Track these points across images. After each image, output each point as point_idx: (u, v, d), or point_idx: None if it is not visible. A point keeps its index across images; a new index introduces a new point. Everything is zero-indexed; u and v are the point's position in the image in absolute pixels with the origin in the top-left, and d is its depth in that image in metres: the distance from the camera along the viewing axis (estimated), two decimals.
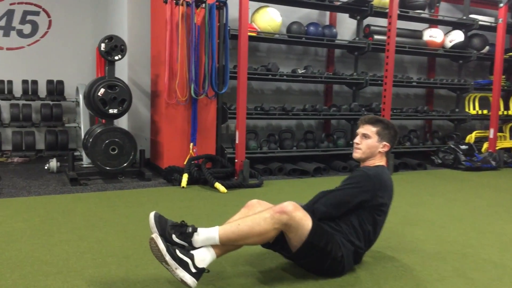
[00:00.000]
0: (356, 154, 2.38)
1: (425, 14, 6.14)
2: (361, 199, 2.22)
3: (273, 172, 5.06)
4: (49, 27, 5.81)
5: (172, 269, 1.94)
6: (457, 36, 6.18)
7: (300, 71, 5.29)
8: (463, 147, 6.07)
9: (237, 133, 4.54)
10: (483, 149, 6.33)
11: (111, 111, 4.36)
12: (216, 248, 2.05)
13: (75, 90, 5.62)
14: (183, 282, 1.95)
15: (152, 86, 5.02)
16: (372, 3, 5.42)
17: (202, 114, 4.72)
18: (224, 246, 2.06)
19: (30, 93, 5.40)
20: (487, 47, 6.54)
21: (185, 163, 4.62)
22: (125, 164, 4.42)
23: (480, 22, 6.34)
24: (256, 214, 2.10)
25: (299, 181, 4.84)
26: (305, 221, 2.09)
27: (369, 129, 2.35)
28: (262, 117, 5.18)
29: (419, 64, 6.91)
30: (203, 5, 4.47)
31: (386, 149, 2.35)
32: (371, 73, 5.99)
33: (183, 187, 4.25)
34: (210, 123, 4.81)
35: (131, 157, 4.45)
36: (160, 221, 2.10)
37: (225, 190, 4.14)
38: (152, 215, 2.12)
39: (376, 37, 5.67)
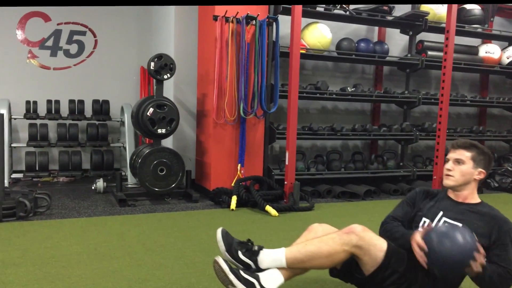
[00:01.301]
0: (449, 182, 2.15)
1: (479, 28, 5.87)
2: None
3: (321, 194, 4.85)
4: (95, 47, 5.85)
5: None
6: None
7: (350, 89, 5.10)
8: None
9: (287, 154, 4.37)
10: None
11: (159, 131, 4.28)
12: (283, 271, 1.94)
13: (119, 110, 5.60)
14: None
15: (199, 106, 4.93)
16: (426, 17, 5.20)
17: (250, 134, 4.58)
18: (291, 270, 1.96)
19: (76, 112, 5.40)
20: None
21: (232, 184, 4.47)
22: (173, 185, 4.31)
23: None
24: (324, 236, 1.98)
25: (350, 204, 4.62)
26: (377, 241, 1.94)
27: (463, 154, 2.11)
28: (311, 137, 5.00)
29: (471, 81, 6.60)
30: (253, 21, 4.38)
31: (481, 176, 2.12)
32: (422, 91, 5.75)
33: (232, 209, 4.10)
34: (257, 144, 4.66)
35: (179, 178, 4.33)
36: (227, 237, 2.05)
37: (277, 214, 3.96)
38: (219, 231, 2.07)
39: (429, 53, 5.43)
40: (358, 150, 5.71)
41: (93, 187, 4.77)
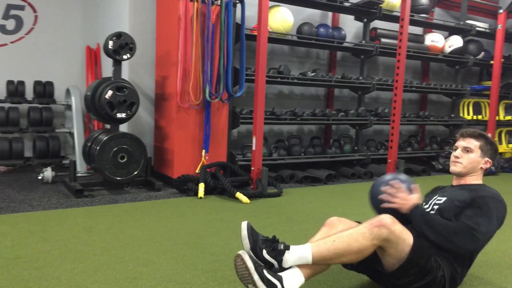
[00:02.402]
0: (456, 168, 2.20)
1: (428, 18, 6.12)
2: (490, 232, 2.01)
3: (284, 179, 4.83)
4: (35, 23, 5.29)
5: None
6: (456, 42, 6.21)
7: (310, 74, 5.09)
8: None
9: (254, 139, 4.28)
10: None
11: (119, 115, 3.98)
12: (304, 269, 1.86)
13: (63, 93, 5.16)
14: None
15: (158, 89, 4.66)
16: (380, 5, 5.31)
17: (214, 119, 4.42)
18: (314, 267, 1.88)
19: (16, 95, 4.87)
20: (482, 53, 6.63)
21: (197, 171, 4.31)
22: (135, 173, 4.06)
23: (477, 28, 6.41)
24: (352, 230, 1.90)
25: (315, 189, 4.64)
26: (406, 235, 1.91)
27: (472, 143, 2.19)
28: (274, 122, 4.94)
29: (413, 68, 6.90)
30: (219, 1, 4.19)
31: (487, 165, 2.19)
32: (372, 76, 5.91)
33: (200, 197, 3.94)
34: (221, 129, 4.52)
35: (141, 165, 4.08)
36: (253, 233, 1.91)
37: (248, 201, 3.87)
38: (244, 225, 1.93)
39: (382, 40, 5.57)
40: (314, 135, 5.76)
41: (39, 177, 4.35)
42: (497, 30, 6.02)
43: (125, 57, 4.01)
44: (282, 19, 4.76)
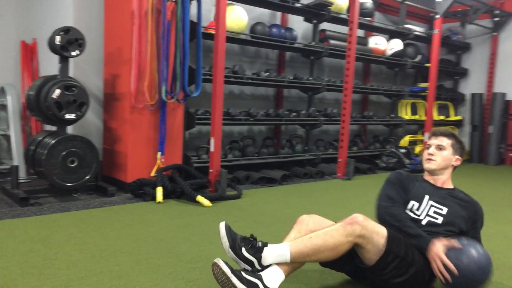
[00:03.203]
0: (431, 166, 2.27)
1: (373, 22, 6.35)
2: None
3: (240, 181, 4.77)
4: None
5: None
6: (396, 45, 6.51)
7: (264, 74, 5.07)
8: (402, 150, 6.41)
9: (212, 140, 4.17)
10: (416, 152, 6.76)
11: (67, 116, 3.70)
12: (283, 267, 1.90)
13: None
14: None
15: (107, 88, 4.38)
16: (330, 7, 5.41)
17: (169, 120, 4.25)
18: (291, 265, 1.92)
19: None
20: (419, 56, 7.01)
21: (152, 174, 4.12)
22: (86, 178, 3.78)
23: (415, 32, 6.76)
24: (328, 227, 1.95)
25: (271, 189, 4.63)
26: (379, 228, 1.96)
27: (444, 141, 2.28)
28: (230, 123, 4.86)
29: (355, 70, 7.13)
30: None
31: (458, 163, 2.30)
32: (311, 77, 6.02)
33: (159, 202, 3.77)
34: (177, 130, 4.35)
35: (93, 170, 3.82)
36: (231, 232, 1.96)
37: (210, 204, 3.77)
38: (223, 226, 1.96)
39: (331, 42, 5.69)
40: (266, 136, 5.76)
41: None
42: (434, 35, 6.40)
43: (74, 53, 3.73)
44: (237, 18, 4.69)
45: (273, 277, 1.87)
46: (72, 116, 3.72)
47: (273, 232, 3.08)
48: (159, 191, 3.81)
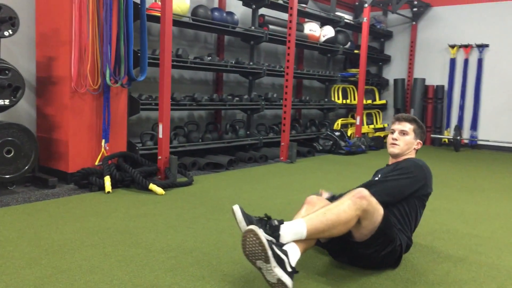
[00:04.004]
0: (394, 150, 2.41)
1: (307, 8, 6.47)
2: (415, 188, 2.25)
3: (187, 167, 4.67)
4: None
5: (271, 267, 1.73)
6: (329, 32, 6.72)
7: (207, 59, 4.98)
8: (337, 133, 6.69)
9: (160, 126, 4.03)
10: (349, 135, 7.09)
11: (1, 102, 3.35)
12: (300, 244, 1.90)
13: None
14: (279, 283, 1.74)
15: (41, 71, 4.02)
16: None
17: (113, 105, 4.03)
18: (306, 242, 1.92)
19: None
20: (349, 43, 7.30)
21: (97, 163, 3.89)
22: (25, 169, 3.48)
23: (345, 20, 7.02)
24: (338, 202, 1.99)
25: (220, 175, 4.60)
26: (379, 206, 2.04)
27: (407, 126, 2.42)
28: (175, 108, 4.71)
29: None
30: None
31: (419, 146, 2.45)
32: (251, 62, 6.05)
33: (108, 192, 3.57)
34: (121, 116, 4.14)
35: (31, 160, 3.51)
36: (246, 215, 1.92)
37: (163, 192, 3.65)
38: (237, 209, 1.95)
39: (270, 27, 5.72)
40: (205, 121, 5.68)
41: None
42: (363, 23, 6.70)
43: (6, 33, 3.38)
44: (179, 0, 4.53)
45: (293, 254, 1.86)
46: (6, 102, 3.39)
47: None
48: (107, 180, 3.62)
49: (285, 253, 1.80)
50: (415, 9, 7.98)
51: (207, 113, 6.00)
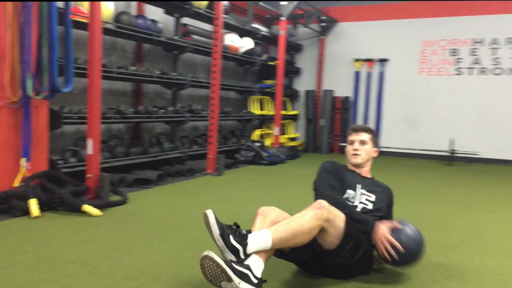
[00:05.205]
0: (358, 160, 2.49)
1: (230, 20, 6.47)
2: None
3: (114, 184, 4.36)
4: None
5: (235, 284, 1.76)
6: (248, 43, 6.81)
7: (132, 68, 4.72)
8: (257, 144, 6.77)
9: (90, 142, 3.72)
10: (267, 145, 7.22)
11: None
12: (262, 255, 1.93)
13: None
14: None
15: None
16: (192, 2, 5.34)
17: (32, 120, 3.61)
18: (268, 252, 1.95)
19: None
20: (265, 55, 7.46)
21: (16, 185, 3.46)
22: None
23: (261, 32, 7.17)
24: (301, 213, 2.03)
25: (150, 191, 4.37)
26: (339, 213, 2.11)
27: (365, 136, 2.53)
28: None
29: (206, 66, 7.19)
30: None
31: (376, 154, 2.57)
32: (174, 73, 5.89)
33: (36, 216, 3.19)
34: (41, 131, 3.72)
35: None
36: (218, 220, 1.95)
37: (100, 213, 3.36)
38: (211, 213, 1.95)
39: (193, 37, 5.63)
40: (123, 134, 5.36)
41: None
42: (280, 35, 6.90)
43: None
44: (103, 5, 4.24)
45: (257, 266, 1.88)
46: None
47: (187, 236, 2.93)
48: (34, 203, 3.22)
49: (247, 267, 1.83)
50: (323, 24, 8.45)
51: (126, 126, 5.68)
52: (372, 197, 2.44)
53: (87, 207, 3.34)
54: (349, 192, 2.42)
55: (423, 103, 7.99)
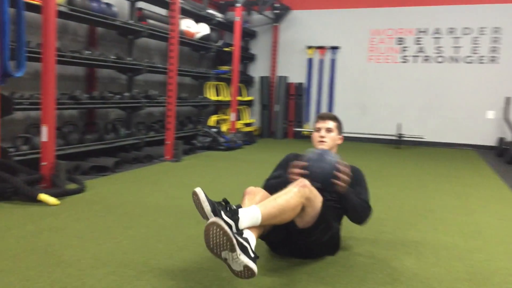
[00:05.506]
0: (324, 146, 2.56)
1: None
2: None
3: (70, 172, 4.24)
4: None
5: (237, 255, 1.75)
6: (204, 29, 6.75)
7: (86, 53, 4.57)
8: (214, 130, 6.78)
9: (45, 128, 3.58)
10: (223, 130, 7.24)
11: None
12: (254, 231, 1.95)
13: None
14: (245, 269, 1.77)
15: None
16: None
17: None
18: (258, 229, 1.98)
19: None
20: (221, 41, 7.43)
21: None
22: None
23: (217, 18, 7.13)
24: (286, 190, 2.08)
25: (110, 178, 4.29)
26: (319, 194, 2.18)
27: (331, 124, 2.60)
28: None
29: (161, 50, 7.06)
30: None
31: (341, 141, 2.66)
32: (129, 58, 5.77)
33: None
34: None
35: None
36: (207, 196, 1.90)
37: (57, 202, 3.27)
38: (200, 190, 1.91)
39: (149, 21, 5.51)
40: (76, 121, 5.20)
41: None
42: (236, 21, 6.89)
43: None
44: None
45: (252, 241, 1.89)
46: None
47: (153, 222, 2.93)
48: None
49: (247, 240, 1.84)
50: (276, 11, 8.51)
51: (79, 112, 5.50)
52: None
53: (43, 196, 3.24)
54: None
55: (372, 89, 8.29)
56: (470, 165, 5.93)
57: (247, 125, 8.46)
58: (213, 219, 1.78)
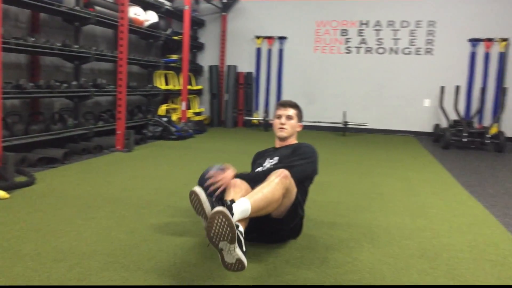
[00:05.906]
0: (283, 133, 2.65)
1: None
2: (315, 170, 2.54)
3: (17, 164, 4.06)
4: None
5: (233, 248, 1.79)
6: (153, 17, 6.61)
7: (31, 40, 4.36)
8: (164, 119, 6.71)
9: None
10: (174, 119, 7.17)
11: None
12: (243, 223, 2.01)
13: None
14: (237, 262, 1.82)
15: None
16: None
17: None
18: (246, 221, 2.04)
19: None
20: (169, 29, 7.31)
21: None
22: None
23: (165, 6, 7.00)
24: (268, 181, 2.14)
25: (60, 170, 4.16)
26: (295, 185, 2.28)
27: (291, 111, 2.68)
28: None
29: (107, 38, 6.86)
30: None
31: (300, 129, 2.75)
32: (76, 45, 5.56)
33: None
34: None
35: None
36: (208, 196, 1.96)
37: (7, 195, 3.15)
38: (199, 190, 1.94)
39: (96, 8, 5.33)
40: (18, 110, 4.96)
41: None
42: (185, 10, 6.81)
43: None
44: None
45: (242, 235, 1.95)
46: None
47: (112, 213, 2.90)
48: None
49: (242, 234, 1.89)
50: (224, 1, 8.49)
51: (21, 102, 5.24)
52: (274, 159, 2.59)
53: None
54: (263, 164, 2.61)
55: (318, 79, 8.53)
56: (411, 150, 6.31)
57: (197, 114, 8.43)
58: (220, 208, 1.78)
